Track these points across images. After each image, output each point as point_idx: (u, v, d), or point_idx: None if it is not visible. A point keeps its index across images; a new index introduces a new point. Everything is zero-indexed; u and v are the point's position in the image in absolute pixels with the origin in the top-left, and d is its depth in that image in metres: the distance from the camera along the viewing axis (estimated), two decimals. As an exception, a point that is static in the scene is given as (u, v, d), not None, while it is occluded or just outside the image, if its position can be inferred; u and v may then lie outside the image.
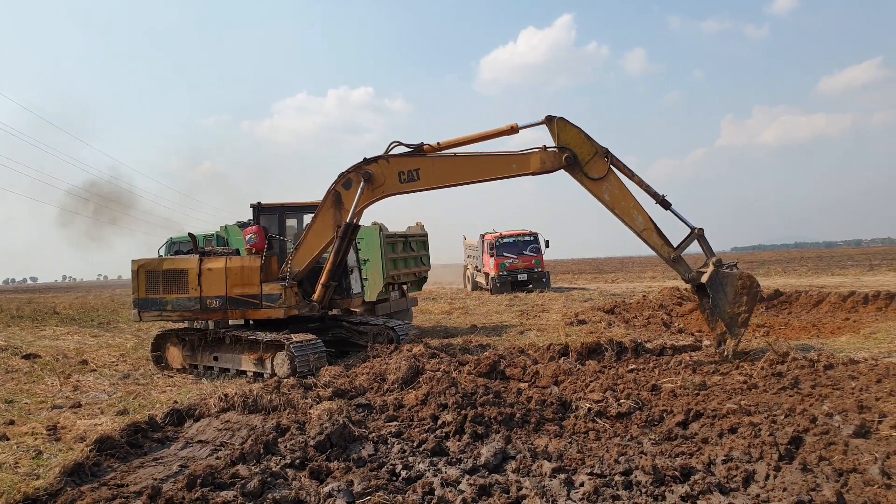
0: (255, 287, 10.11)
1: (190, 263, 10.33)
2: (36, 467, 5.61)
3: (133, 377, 10.29)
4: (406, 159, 9.81)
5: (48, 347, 13.88)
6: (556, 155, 9.30)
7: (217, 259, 10.29)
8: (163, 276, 10.38)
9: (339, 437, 5.83)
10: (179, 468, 5.63)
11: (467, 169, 9.70)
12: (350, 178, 9.97)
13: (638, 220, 9.38)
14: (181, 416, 7.11)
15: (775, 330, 13.63)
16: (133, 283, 10.59)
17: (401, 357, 8.54)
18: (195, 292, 10.21)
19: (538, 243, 29.86)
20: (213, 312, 10.26)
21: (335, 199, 10.06)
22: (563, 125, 9.35)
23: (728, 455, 5.02)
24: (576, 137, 9.33)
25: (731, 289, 9.19)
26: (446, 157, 9.79)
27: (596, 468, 4.92)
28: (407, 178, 9.78)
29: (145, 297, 10.51)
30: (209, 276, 10.15)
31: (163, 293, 10.40)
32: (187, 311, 10.34)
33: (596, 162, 9.26)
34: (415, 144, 9.80)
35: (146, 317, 10.60)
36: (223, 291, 10.11)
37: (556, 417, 6.65)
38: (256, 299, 10.07)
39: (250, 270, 10.16)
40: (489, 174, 9.68)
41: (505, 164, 9.62)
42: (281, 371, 9.19)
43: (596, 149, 9.31)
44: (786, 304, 18.59)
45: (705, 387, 7.62)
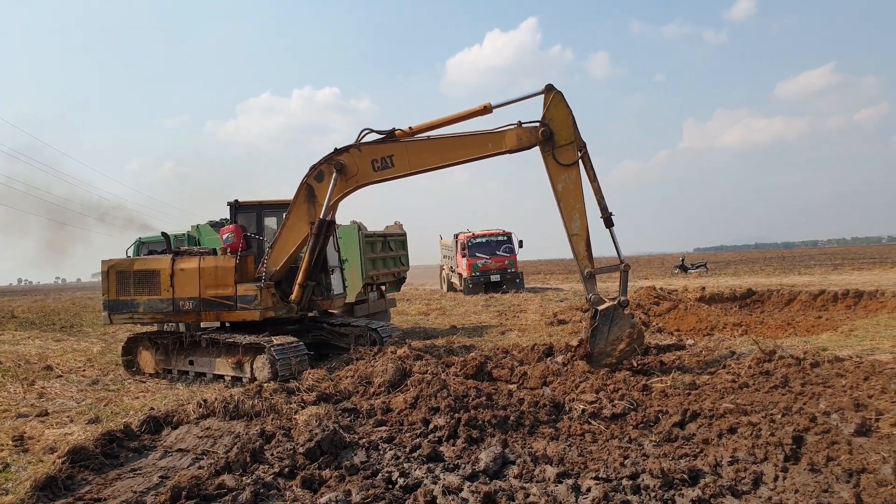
0: (229, 288, 9.74)
1: (162, 264, 9.93)
2: (4, 481, 5.25)
3: (102, 383, 9.84)
4: (379, 146, 9.49)
5: (8, 353, 13.25)
6: (533, 130, 8.95)
7: (190, 259, 9.91)
8: (134, 276, 9.95)
9: (329, 444, 5.60)
10: (160, 479, 5.32)
11: (442, 151, 9.33)
12: (322, 169, 9.69)
13: (575, 223, 9.10)
14: (158, 424, 6.79)
15: (752, 328, 13.75)
16: (103, 284, 10.11)
17: (386, 359, 8.30)
18: (167, 294, 9.81)
19: (511, 243, 29.59)
20: (187, 314, 9.85)
21: (308, 193, 9.77)
22: (558, 99, 8.98)
23: (733, 456, 4.92)
24: (564, 118, 8.98)
25: (618, 330, 8.95)
26: (420, 140, 9.44)
27: (601, 472, 4.79)
28: (381, 166, 9.45)
29: (116, 299, 10.05)
30: (182, 277, 9.76)
31: (134, 294, 9.97)
32: (160, 313, 9.92)
33: (569, 149, 8.96)
34: (386, 130, 9.51)
35: (117, 319, 10.12)
36: (196, 293, 9.73)
37: (550, 419, 6.51)
38: (231, 301, 9.70)
39: (224, 271, 9.79)
40: (465, 155, 9.31)
41: (480, 143, 9.23)
42: (261, 375, 8.86)
43: (574, 137, 9.00)
44: (758, 302, 18.89)
45: (695, 386, 7.56)
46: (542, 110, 9.00)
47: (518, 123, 9.05)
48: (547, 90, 8.95)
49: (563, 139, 8.96)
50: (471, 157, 9.34)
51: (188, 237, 14.36)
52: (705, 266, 37.87)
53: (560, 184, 9.01)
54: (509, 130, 9.07)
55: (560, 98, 8.96)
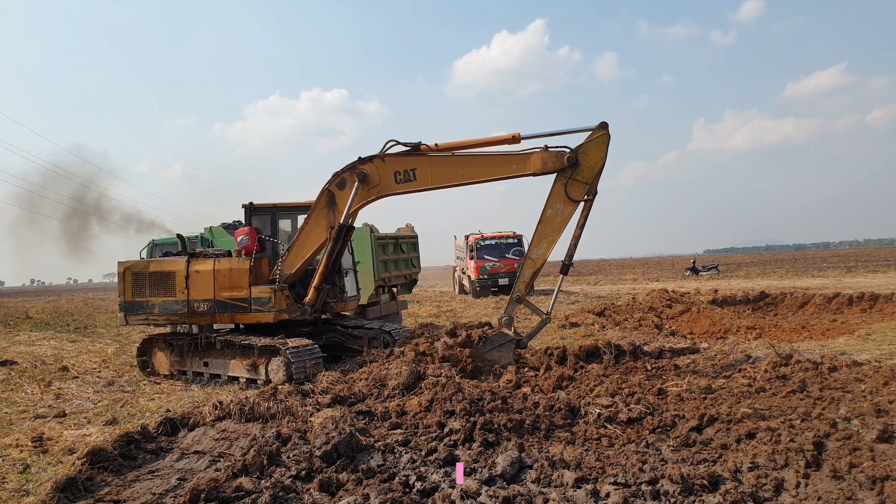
0: (243, 290, 9.78)
1: (177, 266, 10.00)
2: (24, 482, 5.29)
3: (118, 384, 9.91)
4: (403, 158, 9.51)
5: (24, 353, 13.36)
6: (559, 155, 8.97)
7: (205, 261, 9.97)
8: (149, 278, 10.04)
9: (346, 447, 5.60)
10: (178, 481, 5.36)
11: (465, 169, 9.40)
12: (344, 177, 9.70)
13: (539, 250, 9.26)
14: (175, 426, 6.82)
15: (766, 332, 13.64)
16: (119, 285, 10.18)
17: (400, 362, 8.30)
18: (182, 295, 9.86)
19: (522, 246, 29.29)
20: (201, 316, 9.90)
21: (329, 199, 9.79)
22: (603, 140, 8.95)
23: (754, 462, 4.88)
24: (597, 159, 8.96)
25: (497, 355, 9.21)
26: (444, 156, 9.50)
27: (619, 477, 4.76)
28: (403, 178, 9.49)
29: (131, 301, 10.12)
30: (197, 279, 9.81)
31: (149, 296, 10.02)
32: (174, 314, 9.98)
33: (581, 187, 8.99)
34: (412, 143, 9.52)
35: (132, 320, 10.19)
36: (211, 295, 9.78)
37: (565, 423, 6.47)
38: (245, 303, 9.74)
39: (238, 273, 9.83)
40: (488, 175, 9.34)
41: (504, 164, 9.29)
42: (276, 377, 8.89)
43: (592, 181, 9.03)
44: (772, 305, 18.76)
45: (711, 390, 7.51)
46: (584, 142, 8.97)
47: (544, 147, 9.06)
48: (600, 127, 8.92)
49: (584, 177, 8.96)
50: (493, 177, 9.38)
51: (201, 239, 14.44)
52: (717, 268, 37.69)
53: (552, 210, 9.09)
54: (535, 154, 9.06)
55: (606, 140, 8.92)
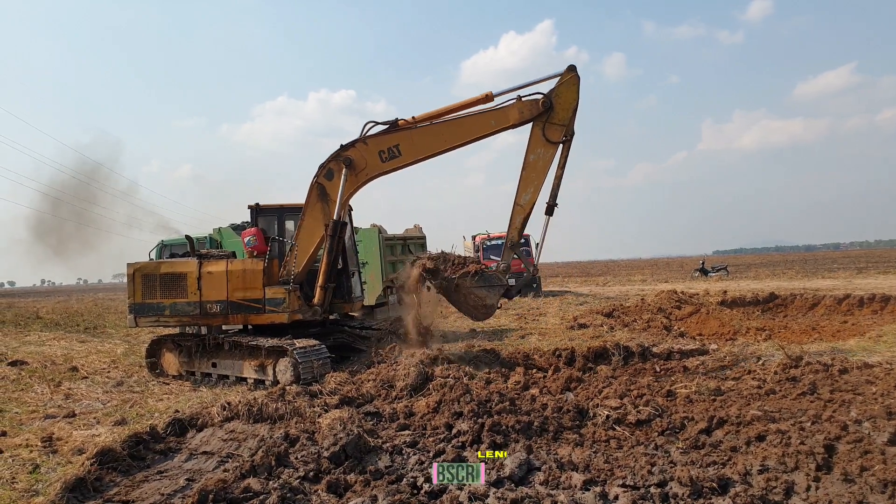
0: (257, 291, 9.81)
1: (189, 267, 9.96)
2: (34, 482, 5.31)
3: (127, 384, 9.95)
4: (384, 137, 9.68)
5: (35, 354, 13.44)
6: (534, 103, 9.24)
7: (217, 262, 9.98)
8: (160, 279, 9.98)
9: (354, 448, 5.60)
10: (187, 482, 5.38)
11: (447, 134, 9.54)
12: (330, 167, 9.85)
13: (527, 196, 9.49)
14: (183, 426, 6.84)
15: (775, 333, 13.56)
16: (129, 286, 10.13)
17: (408, 363, 8.30)
18: (195, 297, 9.82)
19: (529, 246, 29.15)
20: (214, 317, 9.89)
21: (320, 192, 9.91)
22: (574, 81, 9.27)
23: (763, 465, 4.85)
24: (570, 100, 9.28)
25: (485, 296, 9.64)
26: (424, 126, 9.63)
27: (628, 479, 4.73)
28: (388, 156, 9.64)
29: (141, 302, 10.01)
30: (209, 280, 9.80)
31: (160, 297, 9.94)
32: (186, 315, 9.92)
33: (559, 129, 9.29)
34: (390, 121, 9.70)
35: (142, 322, 10.11)
36: (224, 296, 9.78)
37: (574, 425, 6.44)
38: (259, 303, 9.77)
39: (253, 274, 9.85)
40: (470, 135, 9.52)
41: (484, 121, 9.46)
42: (284, 378, 8.90)
43: (569, 122, 9.32)
44: (781, 306, 18.63)
45: (721, 392, 7.48)
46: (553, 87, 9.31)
47: (518, 98, 9.33)
48: (568, 70, 9.26)
49: (560, 119, 9.28)
50: (476, 136, 9.57)
51: (210, 240, 14.49)
52: (726, 269, 37.48)
53: (534, 155, 9.39)
54: (511, 105, 9.33)
55: (576, 81, 9.27)
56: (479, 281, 9.50)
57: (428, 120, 9.68)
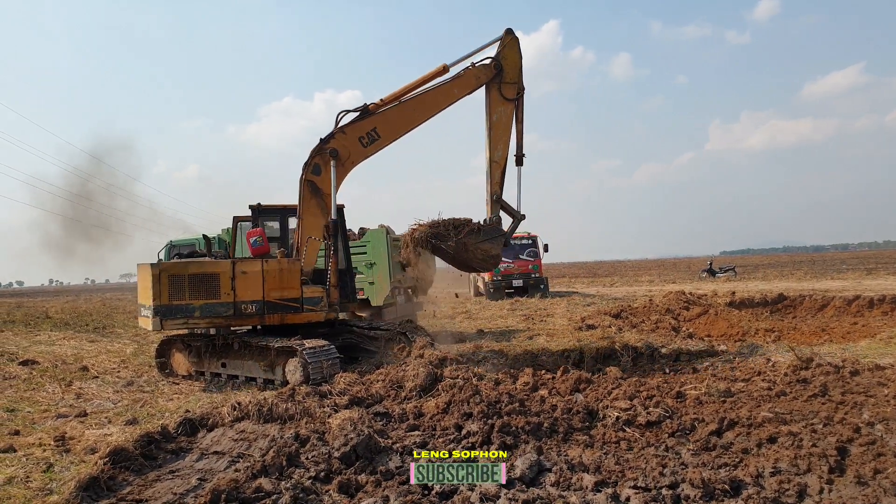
0: (295, 290, 9.86)
1: (222, 267, 9.69)
2: (48, 481, 5.35)
3: (137, 384, 10.00)
4: (360, 123, 10.05)
5: (45, 353, 13.52)
6: (487, 67, 10.17)
7: (252, 262, 9.88)
8: (189, 280, 9.51)
9: (364, 449, 5.61)
10: (198, 482, 5.40)
11: (418, 109, 10.18)
12: (316, 162, 10.01)
13: (499, 152, 10.34)
14: (194, 426, 6.87)
15: (784, 334, 13.52)
16: (154, 287, 9.34)
17: (417, 364, 8.31)
18: (228, 297, 9.55)
19: (536, 247, 28.99)
20: (249, 318, 9.78)
21: (311, 189, 10.06)
22: (515, 42, 10.31)
23: (776, 467, 4.83)
24: (515, 60, 10.32)
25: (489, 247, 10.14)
26: (396, 106, 10.12)
27: (639, 481, 4.73)
28: (369, 141, 10.07)
29: (168, 304, 9.36)
30: (244, 280, 9.62)
31: (189, 299, 9.45)
32: (219, 317, 9.59)
33: (513, 87, 10.29)
34: (360, 107, 10.09)
35: (169, 325, 9.43)
36: (260, 296, 9.70)
37: (583, 426, 6.44)
38: (297, 302, 9.84)
39: (290, 273, 9.87)
40: (439, 106, 10.24)
41: (448, 92, 10.20)
42: (293, 378, 8.92)
43: (519, 79, 10.34)
44: (790, 307, 18.57)
45: (731, 394, 7.45)
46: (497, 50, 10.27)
47: (472, 65, 10.21)
48: (507, 33, 10.27)
49: (511, 77, 10.28)
50: (444, 106, 10.31)
51: (219, 240, 14.54)
52: (734, 270, 37.37)
53: (496, 115, 10.28)
54: (468, 72, 10.18)
55: (516, 42, 10.33)
56: (483, 235, 10.05)
57: (396, 99, 10.17)
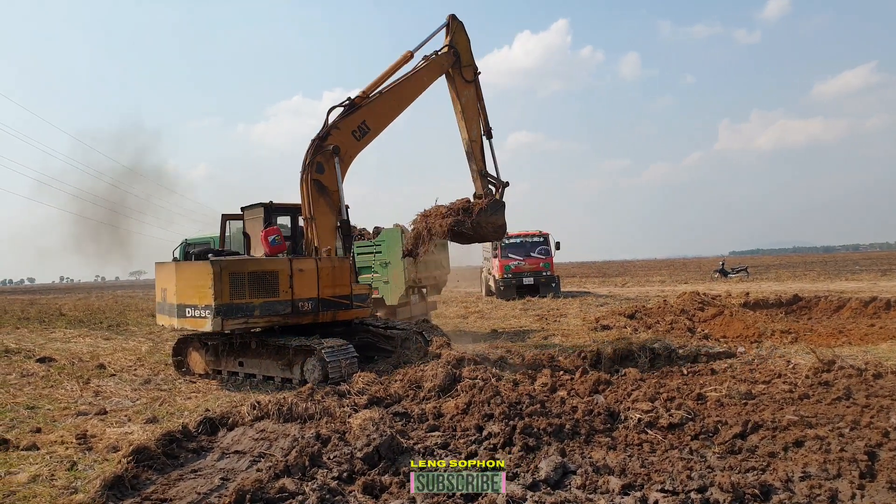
0: (346, 287, 10.12)
1: (281, 265, 9.66)
2: (73, 479, 5.36)
3: (154, 382, 10.03)
4: (351, 117, 10.33)
5: (61, 350, 13.61)
6: (447, 54, 11.02)
7: (307, 260, 9.95)
8: (248, 278, 9.34)
9: (387, 449, 5.60)
10: (221, 481, 5.39)
11: (399, 99, 10.74)
12: (319, 161, 10.10)
13: (474, 130, 11.27)
14: (214, 425, 6.89)
15: (801, 336, 13.38)
16: (215, 286, 9.02)
17: (436, 364, 8.29)
18: (286, 295, 9.52)
19: (548, 245, 28.66)
20: (305, 315, 9.79)
21: (318, 188, 10.11)
22: (461, 27, 11.20)
23: (805, 471, 4.78)
24: (466, 43, 11.29)
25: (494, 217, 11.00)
26: (377, 98, 10.51)
27: (667, 484, 4.68)
28: (360, 134, 10.38)
29: (230, 303, 9.08)
30: (301, 278, 9.67)
31: (249, 297, 9.27)
32: (277, 315, 9.51)
33: (469, 69, 11.29)
34: (347, 102, 10.35)
35: (230, 324, 9.12)
36: (315, 293, 9.78)
37: (605, 428, 6.41)
38: (347, 300, 10.06)
39: (342, 270, 10.14)
40: (414, 94, 10.92)
41: (420, 80, 10.90)
42: (311, 377, 8.91)
43: (472, 61, 11.31)
44: (805, 309, 18.41)
45: (752, 396, 7.40)
46: (446, 38, 11.12)
47: (434, 53, 11.00)
48: (453, 20, 11.12)
49: (466, 60, 11.27)
50: (418, 94, 11.02)
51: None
52: (746, 270, 37.11)
53: (463, 98, 11.21)
54: (433, 61, 10.95)
55: (462, 26, 11.23)
56: (490, 209, 10.87)
57: (375, 90, 10.56)
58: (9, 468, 5.66)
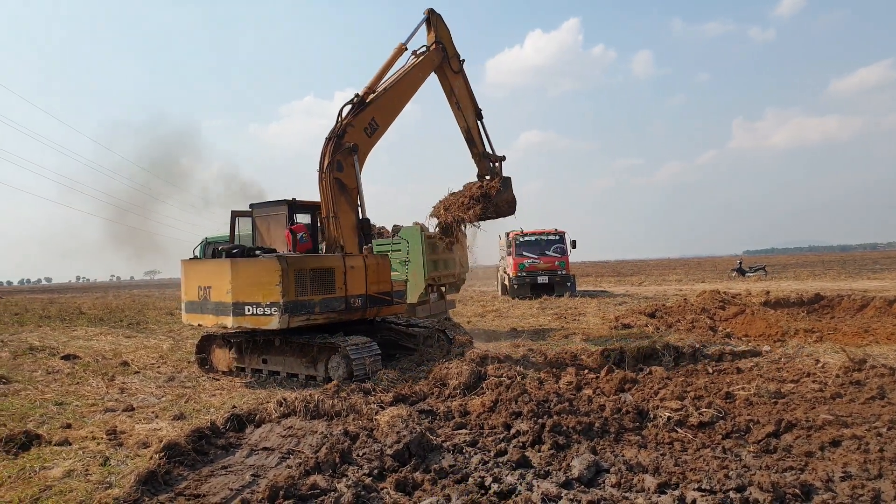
0: (388, 284, 10.42)
1: (336, 262, 9.75)
2: (107, 475, 5.39)
3: (178, 380, 10.08)
4: (362, 115, 10.47)
5: (84, 348, 13.73)
6: (436, 49, 11.23)
7: (356, 257, 10.07)
8: (310, 275, 9.38)
9: (417, 447, 5.58)
10: (252, 478, 5.39)
11: (399, 94, 10.94)
12: (339, 160, 10.13)
13: (471, 116, 11.66)
14: (241, 422, 6.89)
15: (826, 335, 13.21)
16: (283, 283, 9.00)
17: (461, 362, 8.26)
18: (341, 291, 9.68)
19: (563, 243, 28.36)
20: (355, 311, 9.94)
21: (339, 186, 10.13)
22: (441, 20, 11.38)
23: (845, 471, 4.71)
24: (448, 35, 11.48)
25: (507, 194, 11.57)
26: (383, 94, 10.67)
27: (704, 483, 4.62)
28: (371, 130, 10.53)
29: (295, 300, 9.09)
30: (353, 275, 9.86)
31: (311, 294, 9.32)
32: (333, 311, 9.61)
33: (455, 59, 11.53)
34: (357, 100, 10.46)
35: (295, 321, 9.11)
36: (363, 290, 9.95)
37: (634, 427, 6.35)
38: (388, 296, 10.25)
39: (385, 267, 10.41)
40: (412, 90, 11.17)
41: (416, 78, 11.10)
42: (336, 374, 8.92)
43: (456, 50, 11.55)
44: (827, 308, 18.17)
45: (781, 395, 7.32)
46: (430, 32, 11.34)
47: (426, 48, 11.26)
48: (432, 14, 11.29)
49: (451, 52, 11.52)
50: (415, 91, 11.27)
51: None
52: (764, 269, 36.78)
53: (456, 88, 11.55)
54: (425, 57, 11.19)
55: (441, 18, 11.43)
56: (503, 189, 11.50)
57: (376, 85, 10.71)
58: (43, 463, 5.70)
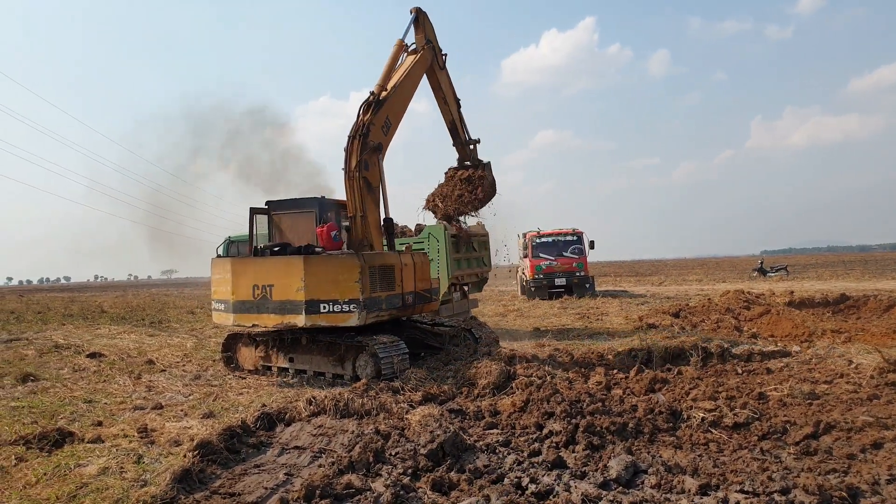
0: (429, 281, 10.63)
1: (395, 259, 9.84)
2: (141, 472, 5.41)
3: (204, 378, 10.12)
4: (380, 114, 10.42)
5: (109, 346, 13.83)
6: (429, 48, 11.63)
7: (407, 254, 10.20)
8: (379, 272, 9.45)
9: (451, 446, 5.55)
10: (286, 476, 5.39)
11: (405, 93, 11.11)
12: (365, 159, 10.08)
13: (455, 109, 12.63)
14: (272, 420, 6.89)
15: (854, 335, 13.00)
16: (361, 280, 9.01)
17: (490, 361, 8.21)
18: (399, 289, 9.79)
19: (581, 244, 28.05)
20: (408, 309, 10.07)
21: (366, 186, 10.09)
22: (425, 17, 11.68)
23: (891, 474, 4.61)
24: (434, 33, 11.89)
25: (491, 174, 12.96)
26: (393, 93, 10.70)
27: (746, 485, 4.55)
28: (386, 128, 10.58)
29: (370, 297, 9.13)
30: (406, 272, 9.99)
31: (379, 291, 9.41)
32: (395, 308, 9.71)
33: (440, 55, 12.06)
34: (373, 98, 10.41)
35: (368, 318, 9.12)
36: (413, 287, 10.07)
37: (668, 427, 6.28)
38: (429, 293, 10.42)
39: (426, 265, 10.65)
40: (415, 87, 11.48)
41: (417, 76, 11.41)
42: (363, 373, 8.90)
43: (440, 46, 12.05)
44: (853, 308, 17.91)
45: (816, 396, 7.20)
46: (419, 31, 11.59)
47: (423, 48, 11.52)
48: (419, 13, 11.57)
49: (438, 49, 12.04)
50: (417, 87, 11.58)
51: None
52: (785, 269, 36.36)
53: (443, 84, 12.27)
54: (421, 55, 11.45)
55: (427, 17, 11.76)
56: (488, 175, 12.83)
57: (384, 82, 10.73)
58: (77, 460, 5.73)
